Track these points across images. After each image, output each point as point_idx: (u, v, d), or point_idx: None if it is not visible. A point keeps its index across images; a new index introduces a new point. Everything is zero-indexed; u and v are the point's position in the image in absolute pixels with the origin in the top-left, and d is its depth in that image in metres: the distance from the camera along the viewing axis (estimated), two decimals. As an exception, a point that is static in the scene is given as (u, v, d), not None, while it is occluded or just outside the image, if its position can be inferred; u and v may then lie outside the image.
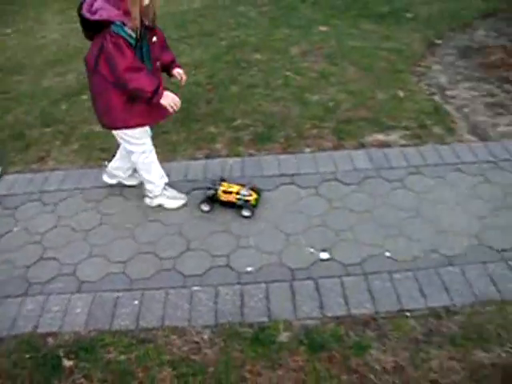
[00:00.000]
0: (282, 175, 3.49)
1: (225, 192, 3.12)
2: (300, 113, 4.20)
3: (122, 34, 2.55)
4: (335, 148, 3.76)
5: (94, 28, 2.62)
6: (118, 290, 2.66)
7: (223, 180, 3.22)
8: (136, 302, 2.58)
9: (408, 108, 4.23)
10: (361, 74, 4.82)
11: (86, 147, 3.86)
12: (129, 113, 2.80)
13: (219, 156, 3.72)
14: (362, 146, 3.77)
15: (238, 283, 2.68)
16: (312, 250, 2.89)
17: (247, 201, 3.10)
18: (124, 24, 2.55)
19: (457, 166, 3.53)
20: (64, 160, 3.74)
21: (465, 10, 6.46)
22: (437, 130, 3.95)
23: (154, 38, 2.79)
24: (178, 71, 3.08)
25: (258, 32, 5.96)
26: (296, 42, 5.62)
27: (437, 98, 4.45)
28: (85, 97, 4.52)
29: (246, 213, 3.10)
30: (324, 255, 2.85)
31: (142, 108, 2.80)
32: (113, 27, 2.54)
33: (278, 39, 5.73)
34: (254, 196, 3.14)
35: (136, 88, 2.68)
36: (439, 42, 5.61)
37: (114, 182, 3.38)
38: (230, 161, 3.64)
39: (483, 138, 3.87)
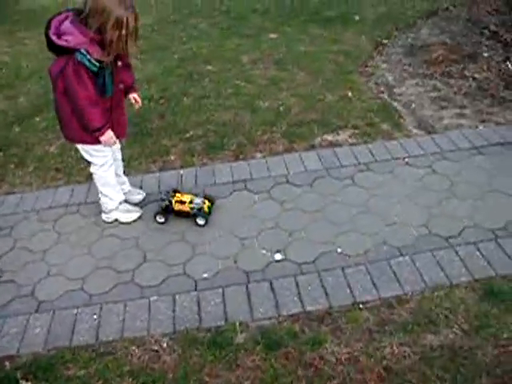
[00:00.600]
0: (234, 182, 3.56)
1: (178, 202, 3.17)
2: (251, 120, 4.29)
3: (86, 63, 2.58)
4: (286, 151, 3.85)
5: (58, 50, 2.64)
6: (76, 307, 2.67)
7: (176, 191, 3.27)
8: (95, 317, 2.61)
9: (357, 107, 4.35)
10: (310, 78, 4.94)
11: (40, 169, 3.86)
12: (85, 130, 2.83)
13: (173, 168, 3.77)
14: (313, 147, 3.87)
15: (195, 290, 2.73)
16: (266, 252, 2.96)
17: (200, 209, 3.15)
18: (88, 52, 2.57)
19: (404, 160, 3.66)
20: (19, 183, 3.73)
21: (409, 11, 6.69)
22: (385, 126, 4.08)
23: (119, 63, 2.82)
24: (134, 96, 3.15)
25: (209, 44, 6.05)
26: (247, 50, 5.73)
27: (384, 96, 4.59)
28: (38, 119, 4.53)
29: (200, 221, 3.15)
30: (278, 256, 2.92)
31: None
32: (77, 54, 2.56)
33: (229, 49, 5.82)
34: (207, 204, 3.20)
35: (86, 119, 2.75)
36: (386, 41, 5.78)
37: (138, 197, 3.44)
38: (181, 171, 3.69)
39: (430, 131, 4.02)
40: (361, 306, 2.59)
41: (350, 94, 4.58)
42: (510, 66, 4.67)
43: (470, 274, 2.71)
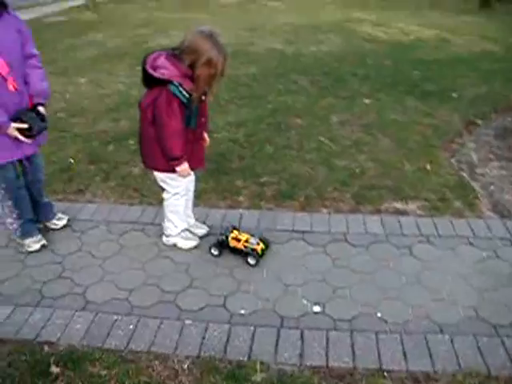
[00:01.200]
0: (293, 231, 3.65)
1: (234, 239, 3.31)
2: (325, 176, 4.39)
3: (178, 94, 2.87)
4: (351, 211, 3.90)
5: (153, 81, 2.93)
6: (117, 314, 2.87)
7: (235, 228, 3.42)
8: (131, 327, 2.78)
9: (432, 181, 4.33)
10: (393, 146, 4.99)
11: (121, 186, 4.20)
12: (165, 159, 3.08)
13: (240, 207, 3.94)
14: (378, 211, 3.89)
15: (229, 323, 2.82)
16: (306, 302, 3.00)
17: (254, 249, 3.27)
18: (181, 85, 2.86)
19: (469, 240, 3.58)
20: (100, 194, 4.09)
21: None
22: (457, 204, 4.02)
23: (203, 97, 3.08)
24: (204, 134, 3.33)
25: (304, 99, 6.29)
26: (338, 111, 5.90)
27: (464, 174, 4.53)
28: (131, 141, 4.93)
29: (251, 261, 3.27)
30: (316, 308, 2.95)
31: None
32: (171, 86, 2.85)
33: (321, 107, 6.03)
34: (261, 246, 3.31)
35: (169, 147, 3.01)
36: (479, 121, 5.71)
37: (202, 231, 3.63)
38: (241, 210, 3.87)
39: (504, 215, 3.90)
40: (385, 373, 2.54)
41: (428, 166, 4.57)
42: None
43: (513, 366, 2.58)
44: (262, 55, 8.25)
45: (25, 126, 2.97)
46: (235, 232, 3.37)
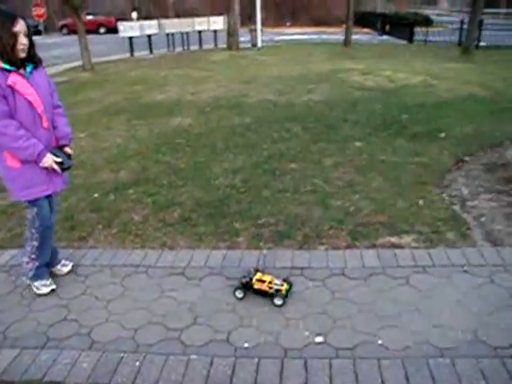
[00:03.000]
0: (293, 268, 3.74)
1: (259, 281, 3.40)
2: (321, 215, 4.52)
3: None
4: (348, 247, 4.00)
5: None
6: (123, 351, 2.92)
7: (257, 270, 3.52)
8: (137, 363, 2.83)
9: (425, 215, 4.46)
10: (385, 185, 5.15)
11: (123, 232, 4.31)
12: None
13: (239, 248, 4.04)
14: (374, 246, 3.99)
15: (233, 356, 2.87)
16: (308, 333, 3.06)
17: (279, 290, 3.35)
18: None
19: (464, 268, 3.67)
20: (102, 240, 4.19)
21: (496, 132, 6.82)
22: (450, 235, 4.13)
23: None
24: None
25: (297, 145, 6.50)
26: (330, 154, 6.10)
27: (456, 207, 4.66)
28: (131, 191, 5.08)
29: (277, 301, 3.32)
30: (318, 339, 3.01)
31: None
32: None
33: (314, 152, 6.23)
34: (286, 287, 3.39)
35: None
36: (467, 159, 5.91)
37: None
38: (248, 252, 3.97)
39: (496, 244, 4.01)
40: (389, 398, 2.59)
41: (420, 202, 4.71)
42: None
43: (515, 386, 2.63)
44: (255, 106, 8.55)
45: (58, 159, 3.26)
46: (259, 274, 3.46)
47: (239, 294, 3.40)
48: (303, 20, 40.57)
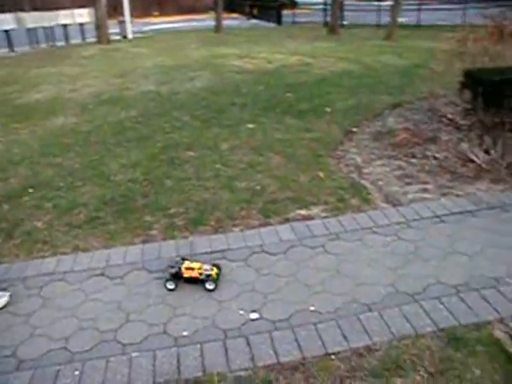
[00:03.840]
0: (213, 252, 3.77)
1: (188, 269, 3.36)
2: (229, 198, 4.57)
3: None
4: (262, 225, 4.10)
5: None
6: (58, 364, 2.77)
7: (184, 259, 3.47)
8: (77, 373, 2.70)
9: (328, 186, 4.69)
10: (285, 162, 5.32)
11: (28, 241, 4.04)
12: None
13: (155, 241, 3.98)
14: (287, 221, 4.14)
15: (175, 346, 2.85)
16: (243, 312, 3.12)
17: (209, 275, 3.34)
18: None
19: (372, 230, 3.93)
20: (7, 254, 3.89)
21: (377, 104, 7.32)
22: (354, 201, 4.39)
23: None
24: None
25: (190, 133, 6.48)
26: (226, 139, 6.16)
27: (354, 175, 4.95)
28: (26, 198, 4.77)
29: (209, 286, 3.33)
30: (254, 315, 3.08)
31: None
32: None
33: (209, 138, 6.25)
34: (216, 271, 3.39)
35: None
36: (355, 129, 6.28)
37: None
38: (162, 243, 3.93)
39: (396, 204, 4.34)
40: (332, 356, 2.74)
41: (321, 174, 4.94)
42: (464, 146, 5.11)
43: (434, 324, 2.91)
44: (139, 98, 8.36)
45: None
46: (187, 262, 3.42)
47: (170, 285, 3.36)
48: (171, 8, 40.05)
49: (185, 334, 2.96)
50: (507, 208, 4.20)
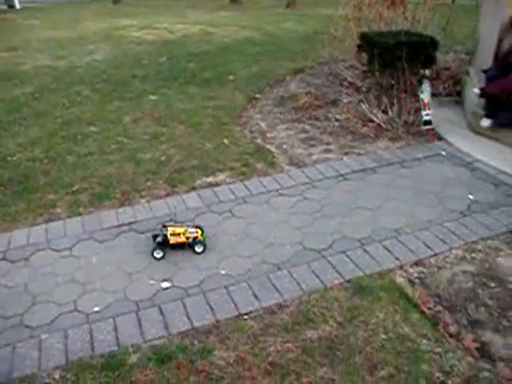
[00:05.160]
0: (120, 225, 3.70)
1: (173, 235, 3.32)
2: (134, 170, 4.49)
3: None
4: (169, 195, 4.07)
5: None
6: (-41, 355, 2.64)
7: (165, 225, 3.42)
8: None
9: (233, 152, 4.72)
10: (189, 131, 5.28)
11: None
12: None
13: (60, 219, 3.84)
14: (194, 189, 4.13)
15: (87, 323, 2.80)
16: (153, 282, 3.11)
17: (196, 237, 3.33)
18: None
19: (278, 192, 4.03)
20: None
21: (279, 70, 7.40)
22: (259, 166, 4.46)
23: None
24: None
25: (91, 107, 6.24)
26: (128, 111, 6.00)
27: (258, 140, 5.02)
28: None
29: (198, 249, 3.34)
30: (165, 284, 3.08)
31: None
32: None
33: (111, 111, 6.05)
34: (200, 232, 3.38)
35: None
36: (259, 96, 6.33)
37: None
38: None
39: (300, 165, 4.45)
40: (245, 316, 2.81)
41: (226, 141, 4.96)
42: (363, 107, 5.31)
43: (341, 276, 3.07)
44: (34, 74, 7.88)
45: None
46: (170, 228, 3.36)
47: (158, 253, 3.32)
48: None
49: (96, 309, 2.91)
50: (404, 164, 4.45)
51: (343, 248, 3.33)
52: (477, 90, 4.77)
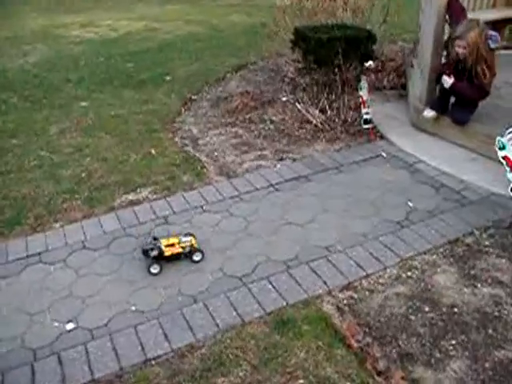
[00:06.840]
0: (28, 256, 3.37)
1: (168, 246, 3.11)
2: (53, 190, 4.13)
3: None
4: (86, 217, 3.74)
5: None
6: None
7: (156, 238, 3.19)
8: None
9: (159, 163, 4.40)
10: (115, 141, 4.93)
11: None
12: None
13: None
14: (112, 209, 3.81)
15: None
16: (58, 323, 2.79)
17: (191, 245, 3.14)
18: None
19: (203, 208, 3.74)
20: None
21: (219, 67, 7.08)
22: (186, 178, 4.16)
23: None
24: None
25: (17, 117, 5.82)
26: (56, 121, 5.60)
27: (189, 148, 4.71)
28: None
29: (196, 258, 3.16)
30: (69, 326, 2.77)
31: None
32: None
33: (37, 121, 5.65)
34: (194, 240, 3.18)
35: None
36: (195, 97, 6.00)
37: None
38: None
39: (230, 176, 4.17)
40: (153, 361, 2.53)
41: (153, 151, 4.63)
42: (299, 107, 5.04)
43: (262, 308, 2.79)
44: None
45: None
46: (163, 240, 3.15)
47: (155, 269, 3.09)
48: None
49: (-16, 362, 2.58)
50: (341, 168, 4.21)
51: (267, 273, 3.05)
52: (449, 80, 4.19)
